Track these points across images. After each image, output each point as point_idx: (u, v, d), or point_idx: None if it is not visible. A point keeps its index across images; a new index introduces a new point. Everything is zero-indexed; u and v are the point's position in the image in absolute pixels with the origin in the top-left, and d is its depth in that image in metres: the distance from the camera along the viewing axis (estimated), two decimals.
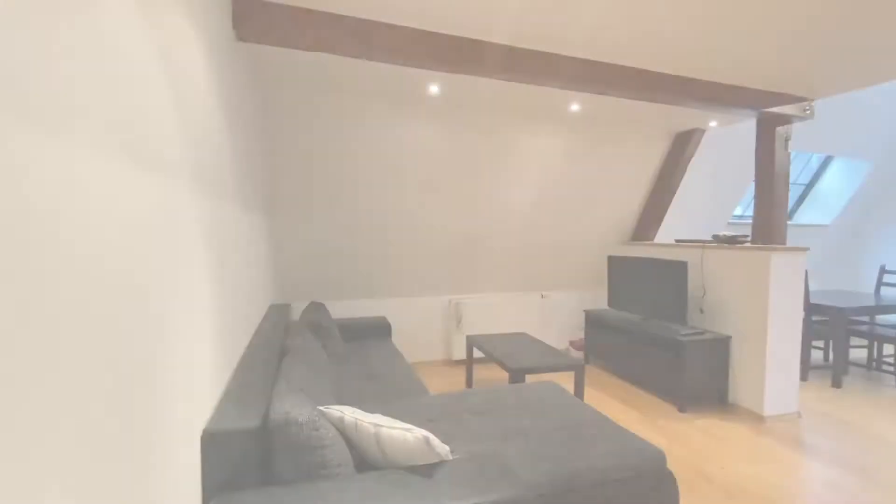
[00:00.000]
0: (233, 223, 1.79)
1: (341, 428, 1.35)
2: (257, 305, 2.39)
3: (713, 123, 3.54)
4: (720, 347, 3.09)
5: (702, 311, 3.34)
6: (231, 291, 1.68)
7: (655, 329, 3.32)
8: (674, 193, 4.00)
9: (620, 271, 3.93)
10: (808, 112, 2.90)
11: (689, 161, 3.83)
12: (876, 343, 3.86)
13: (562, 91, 2.79)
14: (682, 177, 3.91)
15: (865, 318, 4.07)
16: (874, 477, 2.25)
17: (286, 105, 2.81)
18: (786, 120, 2.93)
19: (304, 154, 3.03)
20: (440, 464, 1.27)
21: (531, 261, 4.21)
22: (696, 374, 3.04)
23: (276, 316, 2.66)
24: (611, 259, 4.04)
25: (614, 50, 2.30)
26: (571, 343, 4.56)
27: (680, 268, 3.24)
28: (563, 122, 3.47)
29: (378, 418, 1.33)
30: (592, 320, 4.12)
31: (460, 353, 4.08)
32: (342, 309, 3.84)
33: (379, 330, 3.52)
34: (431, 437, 1.24)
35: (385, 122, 3.08)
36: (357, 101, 2.93)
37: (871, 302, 3.80)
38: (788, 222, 5.45)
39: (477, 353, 4.20)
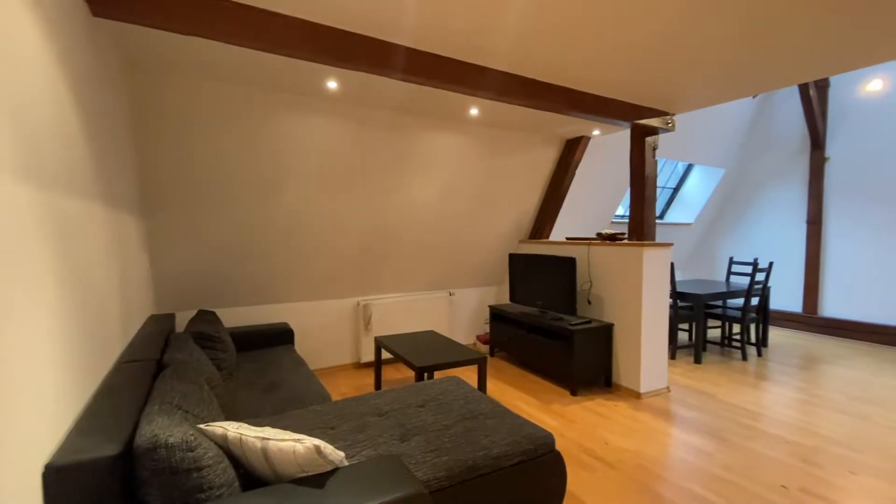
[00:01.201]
0: (92, 224, 1.56)
1: (225, 446, 1.25)
2: (129, 317, 2.12)
3: (596, 132, 3.92)
4: (605, 334, 3.43)
5: (589, 302, 3.67)
6: (87, 301, 1.47)
7: (550, 320, 3.58)
8: (565, 195, 4.34)
9: (520, 268, 4.17)
10: (669, 125, 3.34)
11: (577, 166, 4.19)
12: (727, 323, 4.57)
13: (462, 95, 2.89)
14: (571, 180, 4.26)
15: (719, 303, 4.80)
16: (726, 438, 2.66)
17: (166, 95, 2.53)
18: (653, 131, 3.34)
19: (191, 150, 2.75)
20: (334, 472, 1.23)
21: (439, 260, 4.29)
22: (585, 360, 3.34)
23: (155, 328, 2.39)
24: (511, 257, 4.27)
25: (508, 60, 2.43)
26: (478, 338, 4.74)
27: (570, 263, 3.53)
28: (464, 124, 3.59)
29: (266, 431, 1.26)
30: (496, 315, 4.32)
31: (369, 355, 4.02)
32: (238, 317, 3.57)
33: (280, 337, 3.34)
34: (324, 445, 1.20)
35: (282, 117, 2.91)
36: (249, 93, 2.74)
37: (723, 289, 4.47)
38: (659, 221, 6.23)
39: (386, 355, 4.18)
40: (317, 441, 1.19)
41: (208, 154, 2.82)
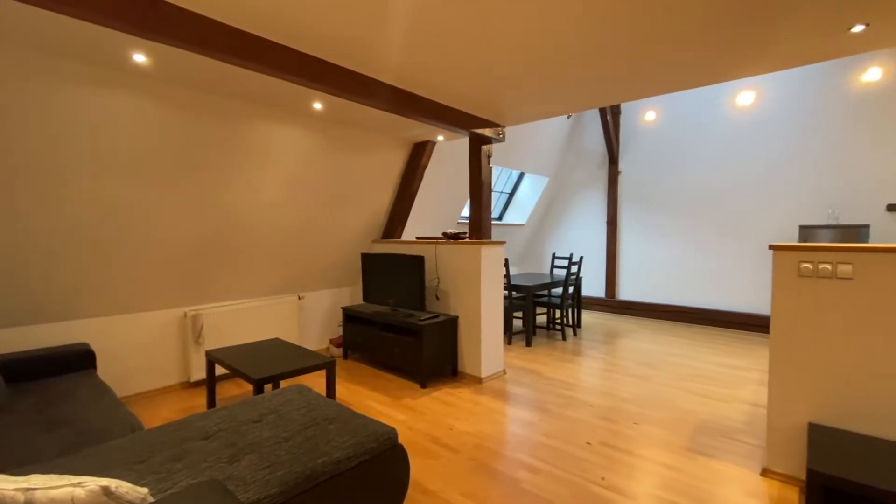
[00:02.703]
0: None
1: None
2: None
3: (440, 138, 4.15)
4: (451, 327, 3.65)
5: (437, 297, 3.87)
6: None
7: (401, 317, 3.67)
8: (414, 196, 4.49)
9: (372, 267, 4.17)
10: (501, 135, 3.72)
11: (424, 168, 4.37)
12: (550, 310, 5.29)
13: (303, 88, 2.75)
14: (420, 182, 4.43)
15: (545, 293, 5.54)
16: (548, 409, 3.07)
17: None
18: (487, 140, 3.68)
19: None
20: None
21: (286, 262, 4.02)
22: (434, 353, 3.51)
23: None
24: (364, 256, 4.25)
25: (350, 58, 2.39)
26: (332, 341, 4.58)
27: (419, 261, 3.67)
28: (311, 119, 3.43)
29: (32, 480, 1.00)
30: (350, 316, 4.25)
31: (201, 372, 3.56)
32: (15, 340, 2.79)
33: (76, 361, 2.71)
34: (116, 484, 1.01)
35: (71, 91, 2.37)
36: (24, 56, 2.16)
37: (547, 280, 5.17)
38: (498, 222, 6.90)
39: (223, 370, 3.75)
40: (105, 481, 1.00)
41: None
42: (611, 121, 6.27)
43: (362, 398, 3.27)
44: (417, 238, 4.18)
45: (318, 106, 3.15)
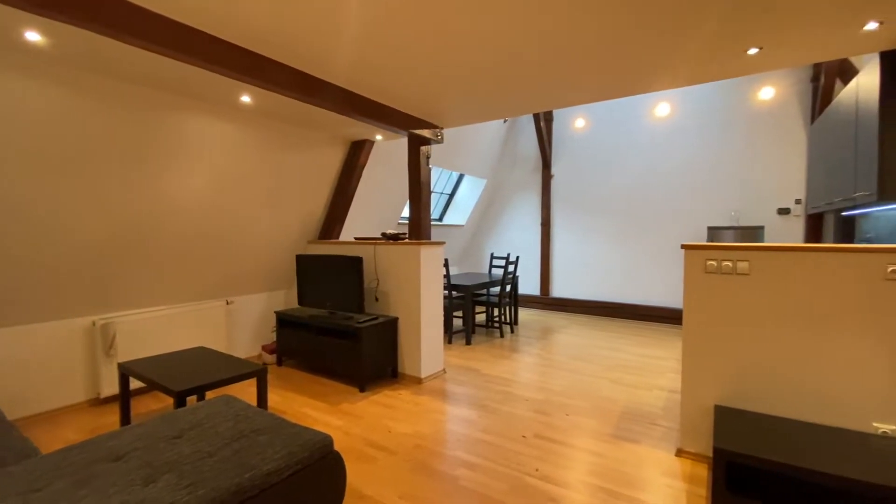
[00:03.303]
0: None
1: None
2: None
3: (379, 137, 4.10)
4: (390, 328, 3.62)
5: (377, 299, 3.82)
6: None
7: (339, 320, 3.58)
8: (353, 196, 4.40)
9: (308, 269, 4.03)
10: (439, 137, 3.75)
11: (363, 168, 4.29)
12: (489, 308, 5.42)
13: (230, 80, 2.59)
14: (358, 181, 4.35)
15: (484, 291, 5.66)
16: (486, 405, 3.14)
17: None
18: (426, 141, 3.69)
19: None
20: None
21: (212, 265, 3.76)
22: (373, 355, 3.46)
23: None
24: (299, 258, 4.09)
25: (284, 52, 2.29)
26: (264, 348, 4.36)
27: (357, 262, 3.60)
28: (237, 111, 3.24)
29: None
30: (284, 321, 4.07)
31: (114, 386, 3.23)
32: None
33: None
34: None
35: None
36: None
37: (486, 279, 5.29)
38: (439, 223, 6.96)
39: (139, 383, 3.43)
40: None
41: None
42: (544, 127, 6.55)
43: (298, 406, 3.15)
44: (356, 239, 4.09)
45: (246, 99, 2.98)
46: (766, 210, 5.23)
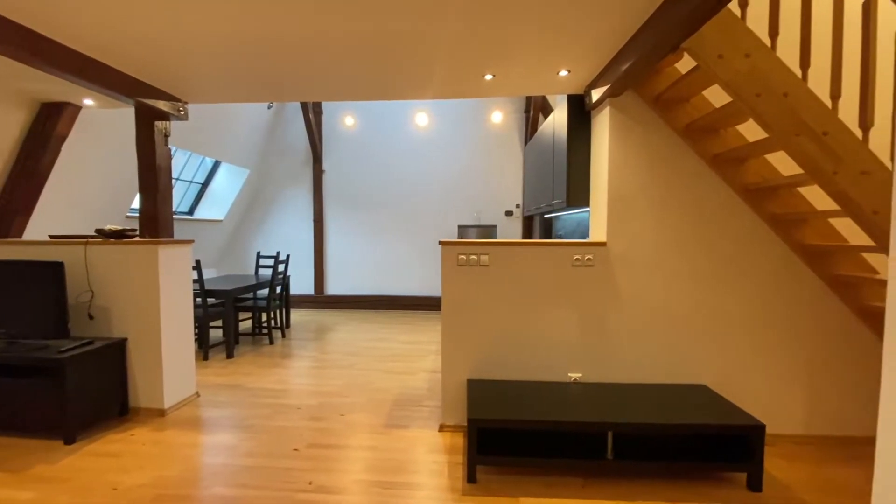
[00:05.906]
0: None
1: None
2: None
3: (88, 101, 3.10)
4: (115, 353, 2.81)
5: (91, 316, 2.90)
6: None
7: (24, 352, 2.56)
8: (45, 178, 3.22)
9: None
10: (182, 112, 3.11)
11: (62, 140, 3.18)
12: (256, 313, 4.89)
13: None
14: (54, 158, 3.20)
15: (250, 295, 5.06)
16: (252, 424, 2.78)
17: None
18: (164, 115, 2.99)
19: None
20: None
21: None
22: (88, 392, 2.61)
23: None
24: None
25: None
26: None
27: (55, 269, 2.65)
28: None
29: None
30: None
31: None
32: None
33: None
34: None
35: None
36: None
37: (252, 282, 4.73)
38: (189, 217, 5.88)
39: None
40: None
41: None
42: (313, 119, 6.31)
43: None
44: (52, 237, 3.00)
45: None
46: (497, 212, 6.46)
